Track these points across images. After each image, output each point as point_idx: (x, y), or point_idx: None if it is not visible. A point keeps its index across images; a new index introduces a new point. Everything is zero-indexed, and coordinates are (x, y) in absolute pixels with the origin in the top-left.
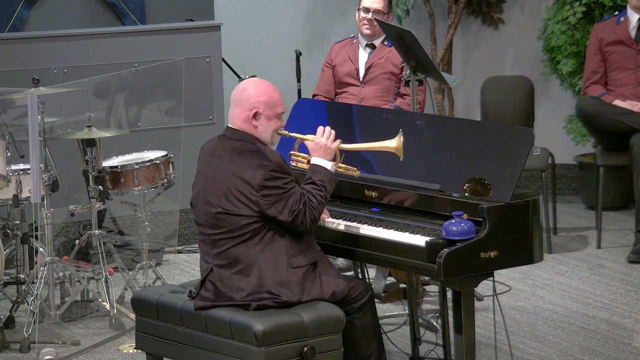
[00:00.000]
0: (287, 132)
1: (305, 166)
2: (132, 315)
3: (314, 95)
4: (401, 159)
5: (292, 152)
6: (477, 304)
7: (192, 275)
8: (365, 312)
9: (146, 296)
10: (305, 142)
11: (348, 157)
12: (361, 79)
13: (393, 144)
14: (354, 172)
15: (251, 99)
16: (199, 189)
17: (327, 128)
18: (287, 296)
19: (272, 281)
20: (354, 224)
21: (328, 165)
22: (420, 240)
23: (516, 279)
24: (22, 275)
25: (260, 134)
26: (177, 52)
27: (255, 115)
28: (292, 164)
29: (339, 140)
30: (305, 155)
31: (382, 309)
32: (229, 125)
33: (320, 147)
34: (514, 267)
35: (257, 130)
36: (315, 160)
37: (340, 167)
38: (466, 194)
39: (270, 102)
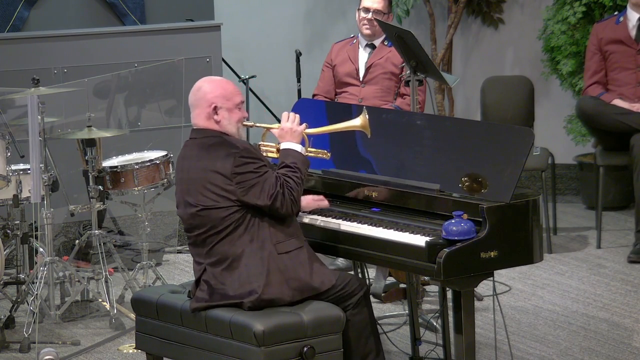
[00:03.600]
0: (252, 122)
1: (275, 155)
2: (132, 315)
3: (314, 95)
4: (369, 136)
5: (260, 142)
6: (477, 304)
7: (192, 275)
8: (361, 308)
9: (146, 296)
10: (272, 131)
11: (353, 157)
12: (361, 79)
13: (358, 122)
14: (324, 154)
15: (207, 96)
16: (178, 195)
17: (292, 113)
18: (276, 283)
19: (260, 270)
20: (354, 224)
21: (298, 147)
22: (420, 240)
23: (516, 279)
24: (22, 275)
25: (225, 127)
26: (177, 52)
27: (215, 110)
28: (263, 154)
29: (305, 124)
30: (274, 144)
31: (382, 309)
32: (192, 127)
33: (287, 132)
34: (514, 267)
35: (221, 124)
36: (284, 145)
37: (310, 152)
38: (463, 188)
39: (226, 94)
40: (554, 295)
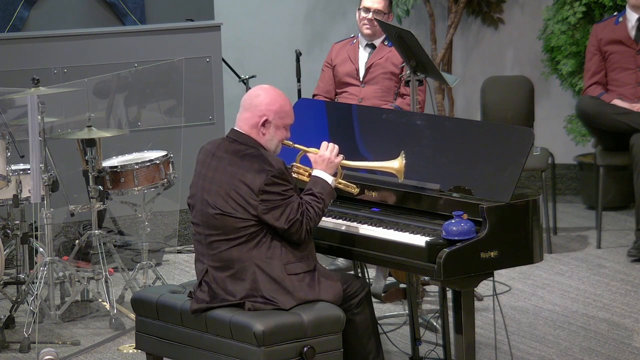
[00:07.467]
0: (291, 142)
1: (306, 179)
2: (132, 315)
3: (314, 95)
4: (400, 181)
5: (294, 163)
6: (477, 304)
7: (192, 275)
8: (363, 308)
9: (146, 296)
10: (308, 155)
11: (353, 157)
12: (361, 79)
13: (395, 165)
14: (354, 189)
15: (262, 106)
16: (196, 189)
17: (332, 144)
18: (282, 303)
19: (266, 287)
20: (354, 224)
21: (329, 179)
22: (420, 240)
23: (516, 279)
24: (22, 275)
25: (266, 142)
26: (177, 52)
27: (265, 123)
28: (293, 175)
29: (342, 155)
30: (307, 168)
31: (382, 309)
32: (234, 128)
33: (324, 161)
34: (514, 267)
35: (264, 137)
36: (316, 172)
37: (340, 183)
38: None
39: (281, 112)
40: (554, 295)
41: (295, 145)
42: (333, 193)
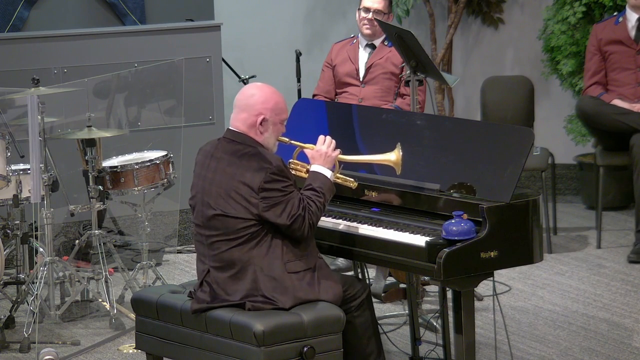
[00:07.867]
0: (288, 139)
1: (304, 175)
2: (132, 315)
3: (314, 95)
4: (398, 173)
5: (291, 160)
6: (477, 304)
7: (192, 275)
8: (363, 310)
9: (146, 296)
10: (305, 151)
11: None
12: (361, 79)
13: (392, 157)
14: (352, 183)
15: (258, 105)
16: (197, 191)
17: (328, 137)
18: (282, 302)
19: (267, 286)
20: (354, 224)
21: (328, 173)
22: (420, 240)
23: (516, 279)
24: (22, 275)
25: (265, 140)
26: (177, 52)
27: (262, 122)
28: (292, 172)
29: (339, 150)
30: (305, 164)
31: (382, 309)
32: (230, 128)
33: (321, 155)
34: (514, 267)
35: (263, 136)
36: (315, 167)
37: (338, 178)
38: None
39: (277, 109)
40: (554, 295)
41: (292, 142)
42: (333, 187)
